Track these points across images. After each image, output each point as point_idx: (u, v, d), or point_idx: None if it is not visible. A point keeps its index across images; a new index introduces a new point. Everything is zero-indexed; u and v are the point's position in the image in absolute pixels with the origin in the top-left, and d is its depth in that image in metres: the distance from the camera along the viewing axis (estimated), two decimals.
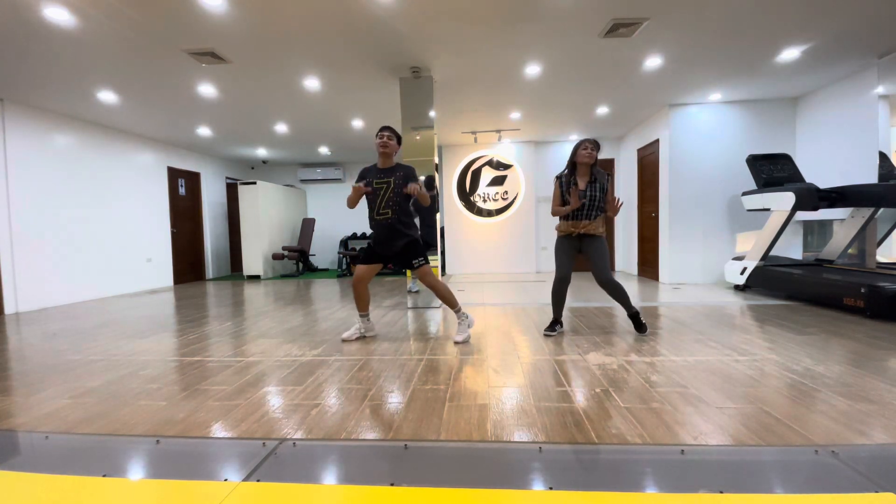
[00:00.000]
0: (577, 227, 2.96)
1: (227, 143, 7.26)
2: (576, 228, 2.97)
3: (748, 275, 4.72)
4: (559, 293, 3.10)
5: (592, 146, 2.93)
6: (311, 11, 3.08)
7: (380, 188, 2.89)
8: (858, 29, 3.52)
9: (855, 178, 4.37)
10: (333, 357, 2.70)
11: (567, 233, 3.01)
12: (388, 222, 2.91)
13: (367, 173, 2.98)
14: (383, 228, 2.93)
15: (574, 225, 2.97)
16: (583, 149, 2.92)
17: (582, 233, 2.97)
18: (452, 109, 5.58)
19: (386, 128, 2.96)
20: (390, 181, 2.88)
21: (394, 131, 2.98)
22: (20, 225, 4.82)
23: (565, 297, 3.12)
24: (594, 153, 2.92)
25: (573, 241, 3.02)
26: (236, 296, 5.69)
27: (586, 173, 2.96)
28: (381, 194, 2.89)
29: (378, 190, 2.89)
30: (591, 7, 3.13)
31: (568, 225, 2.99)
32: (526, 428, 1.66)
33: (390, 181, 2.88)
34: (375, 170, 2.96)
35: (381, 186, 2.89)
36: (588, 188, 2.93)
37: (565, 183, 2.97)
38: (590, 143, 2.94)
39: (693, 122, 5.53)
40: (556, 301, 3.13)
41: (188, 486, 1.33)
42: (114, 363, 2.68)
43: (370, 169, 3.00)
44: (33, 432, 1.74)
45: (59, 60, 3.73)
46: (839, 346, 2.68)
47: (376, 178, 2.92)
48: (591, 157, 2.91)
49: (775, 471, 1.35)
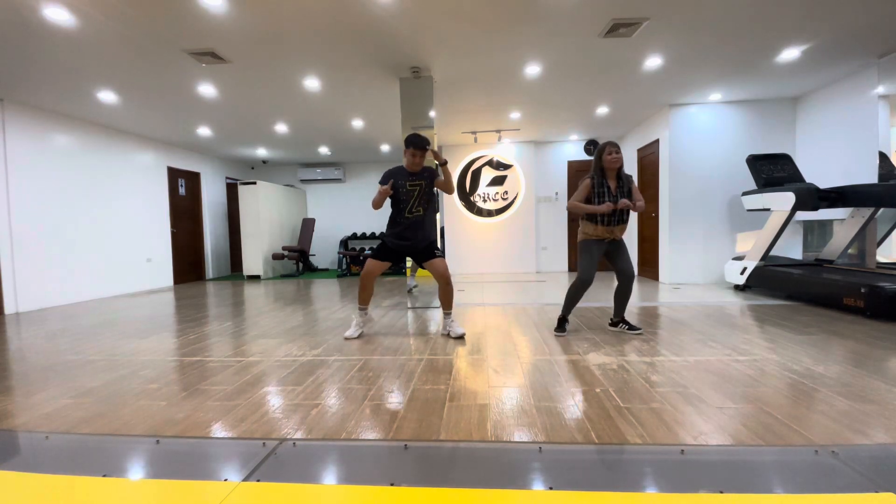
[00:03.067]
0: (615, 232, 2.96)
1: (227, 143, 7.26)
2: (612, 234, 2.96)
3: (748, 275, 4.72)
4: (577, 297, 3.10)
5: (616, 150, 2.91)
6: (311, 11, 3.08)
7: (413, 190, 3.13)
8: (858, 29, 3.51)
9: (855, 178, 4.37)
10: (333, 357, 2.70)
11: (601, 237, 2.98)
12: (420, 219, 3.15)
13: (394, 175, 3.15)
14: (414, 225, 3.14)
15: (610, 231, 2.95)
16: (608, 154, 2.90)
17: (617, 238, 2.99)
18: (452, 109, 5.58)
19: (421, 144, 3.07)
20: (421, 184, 3.14)
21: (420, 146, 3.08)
22: (20, 225, 4.81)
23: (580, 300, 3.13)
24: (619, 156, 2.90)
25: (604, 245, 3.00)
26: (236, 296, 5.69)
27: (614, 177, 2.95)
28: (416, 196, 3.13)
29: (412, 191, 3.13)
30: (590, 7, 3.13)
31: (604, 230, 2.95)
32: (526, 428, 1.66)
33: (421, 184, 3.14)
34: (405, 173, 3.15)
35: (414, 189, 3.13)
36: (618, 193, 2.93)
37: (598, 184, 2.94)
38: (613, 147, 2.92)
39: (693, 122, 5.53)
40: (572, 303, 3.12)
41: (188, 486, 1.33)
42: (114, 363, 2.68)
43: (396, 172, 3.16)
44: (33, 432, 1.74)
45: (59, 60, 3.73)
46: (839, 346, 2.68)
47: (409, 181, 3.13)
48: (616, 161, 2.89)
49: (775, 471, 1.35)
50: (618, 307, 3.13)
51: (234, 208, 8.61)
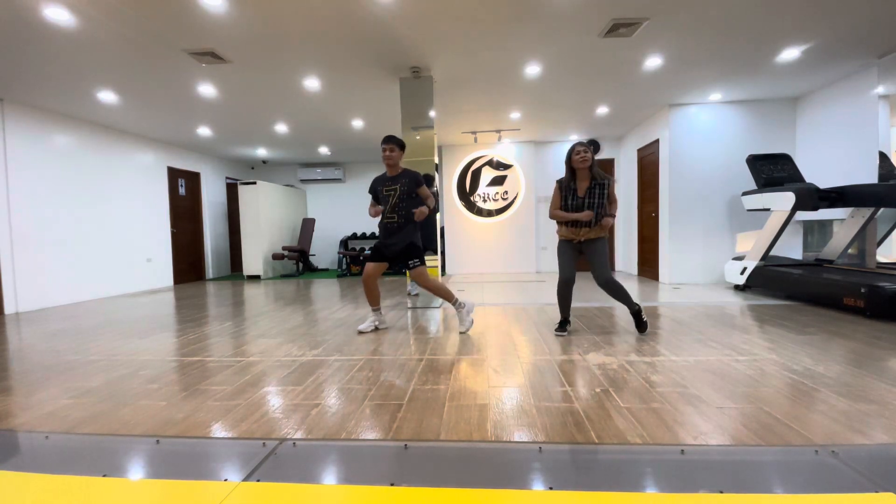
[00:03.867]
0: (578, 234, 2.97)
1: (227, 143, 7.26)
2: (576, 236, 2.98)
3: (748, 275, 4.72)
4: (564, 295, 3.10)
5: (586, 149, 2.85)
6: (311, 11, 3.08)
7: (389, 195, 3.19)
8: (858, 29, 3.51)
9: (855, 178, 4.37)
10: (333, 357, 2.70)
11: (569, 238, 3.02)
12: (394, 225, 3.21)
13: (377, 182, 3.29)
14: (389, 231, 3.22)
15: (574, 232, 2.97)
16: (575, 154, 2.86)
17: (582, 240, 2.98)
18: (452, 109, 5.58)
19: (387, 140, 3.18)
20: (396, 188, 3.18)
21: (394, 141, 3.19)
22: (20, 225, 4.81)
23: (570, 297, 3.12)
24: (587, 156, 2.84)
25: (573, 245, 3.03)
26: (236, 296, 5.69)
27: (586, 177, 2.91)
28: (390, 200, 3.18)
29: (388, 197, 3.19)
30: (591, 7, 3.13)
31: (568, 231, 2.99)
32: (526, 428, 1.66)
33: (396, 188, 3.18)
34: (384, 178, 3.26)
35: (389, 194, 3.19)
36: (587, 194, 2.88)
37: (565, 188, 2.95)
38: (582, 146, 2.86)
39: (693, 122, 5.53)
40: (563, 302, 3.12)
41: (188, 486, 1.33)
42: (114, 363, 2.68)
43: (380, 178, 3.29)
44: (33, 432, 1.74)
45: (59, 60, 3.73)
46: (839, 346, 2.68)
47: (385, 187, 3.22)
48: (584, 160, 2.84)
49: (775, 471, 1.34)
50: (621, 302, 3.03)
51: (234, 208, 8.61)
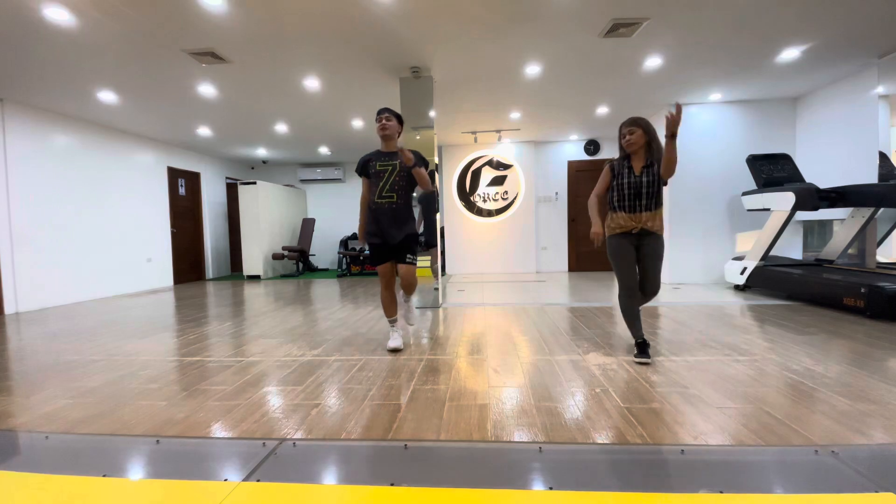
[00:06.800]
0: (638, 221, 2.40)
1: (227, 143, 7.26)
2: (636, 223, 2.41)
3: (748, 275, 4.72)
4: (631, 309, 2.52)
5: (629, 130, 2.42)
6: (311, 11, 3.08)
7: (384, 170, 2.72)
8: (858, 29, 3.51)
9: (855, 178, 4.37)
10: (333, 357, 2.70)
11: (624, 229, 2.44)
12: (391, 206, 2.71)
13: (368, 158, 2.79)
14: (385, 214, 2.72)
15: (633, 218, 2.41)
16: (621, 137, 2.46)
17: (642, 229, 2.42)
18: (452, 109, 5.58)
19: (385, 109, 2.78)
20: (395, 164, 2.71)
21: (393, 112, 2.79)
22: (20, 225, 4.81)
23: (639, 311, 2.56)
24: (634, 137, 2.40)
25: (631, 239, 2.46)
26: (236, 296, 5.69)
27: (641, 157, 2.44)
28: (386, 177, 2.70)
29: (382, 172, 2.71)
30: (591, 7, 3.12)
31: (626, 219, 2.42)
32: (526, 428, 1.66)
33: (395, 164, 2.71)
34: (378, 154, 2.79)
35: (384, 169, 2.72)
36: (644, 173, 2.40)
37: (617, 167, 2.48)
38: (626, 127, 2.44)
39: (693, 121, 5.53)
40: (632, 319, 2.53)
41: (188, 486, 1.33)
42: (114, 363, 2.68)
43: (372, 153, 2.80)
44: (33, 432, 1.74)
45: (59, 60, 3.73)
46: (839, 346, 2.68)
47: (379, 162, 2.74)
48: (629, 144, 2.42)
49: (775, 471, 1.35)
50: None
51: (234, 208, 8.61)
